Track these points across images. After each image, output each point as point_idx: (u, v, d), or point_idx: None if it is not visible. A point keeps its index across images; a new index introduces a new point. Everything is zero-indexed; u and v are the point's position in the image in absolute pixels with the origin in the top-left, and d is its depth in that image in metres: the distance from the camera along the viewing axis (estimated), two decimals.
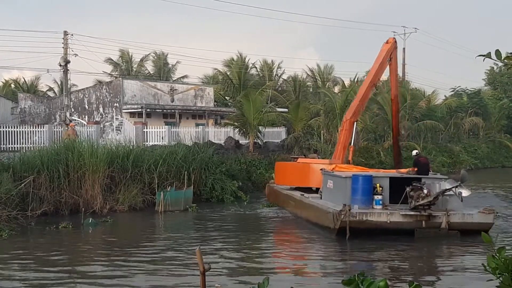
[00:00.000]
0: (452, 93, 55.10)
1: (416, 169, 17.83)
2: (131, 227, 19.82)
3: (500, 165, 48.61)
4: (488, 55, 2.93)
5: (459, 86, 55.28)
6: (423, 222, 16.02)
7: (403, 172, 18.29)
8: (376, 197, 16.61)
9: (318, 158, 24.43)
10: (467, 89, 54.30)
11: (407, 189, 16.56)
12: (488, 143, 50.46)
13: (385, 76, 28.35)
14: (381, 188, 16.76)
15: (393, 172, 18.72)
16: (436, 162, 40.37)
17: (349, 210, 15.77)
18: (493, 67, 65.25)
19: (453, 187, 16.13)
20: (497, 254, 2.67)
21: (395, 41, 24.03)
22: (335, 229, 16.17)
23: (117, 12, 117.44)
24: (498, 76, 63.40)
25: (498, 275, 2.66)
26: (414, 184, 16.67)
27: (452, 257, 14.90)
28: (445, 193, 16.20)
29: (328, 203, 17.59)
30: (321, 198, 19.34)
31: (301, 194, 20.81)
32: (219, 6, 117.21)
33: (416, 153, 18.95)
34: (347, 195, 16.90)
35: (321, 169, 20.31)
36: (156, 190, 22.22)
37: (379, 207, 16.50)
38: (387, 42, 23.77)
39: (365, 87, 23.54)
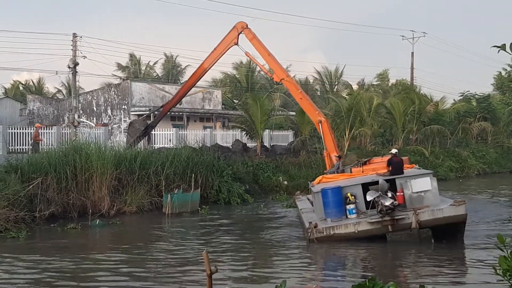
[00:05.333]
0: (461, 97, 54.77)
1: (390, 168, 17.41)
2: (138, 228, 19.85)
3: (508, 170, 48.23)
4: (503, 47, 2.89)
5: (468, 91, 54.96)
6: (389, 227, 15.55)
7: (381, 173, 17.70)
8: (348, 206, 16.16)
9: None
10: (476, 94, 53.99)
11: None
12: (496, 148, 50.09)
13: (393, 79, 28.06)
14: (353, 197, 16.28)
15: (373, 175, 17.99)
16: (444, 166, 40.17)
17: (315, 227, 15.63)
18: (501, 72, 64.89)
19: (374, 198, 15.70)
20: (510, 256, 2.60)
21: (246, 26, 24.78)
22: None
23: (126, 14, 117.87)
24: (506, 81, 62.93)
25: (509, 277, 2.59)
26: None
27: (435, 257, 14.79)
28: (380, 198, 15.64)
29: (314, 217, 17.39)
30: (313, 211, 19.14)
31: (301, 208, 20.53)
32: (227, 9, 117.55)
33: (395, 152, 18.23)
34: (321, 209, 16.68)
35: (309, 182, 20.18)
36: (163, 192, 22.24)
37: (354, 216, 16.03)
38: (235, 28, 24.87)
39: (285, 75, 24.69)
